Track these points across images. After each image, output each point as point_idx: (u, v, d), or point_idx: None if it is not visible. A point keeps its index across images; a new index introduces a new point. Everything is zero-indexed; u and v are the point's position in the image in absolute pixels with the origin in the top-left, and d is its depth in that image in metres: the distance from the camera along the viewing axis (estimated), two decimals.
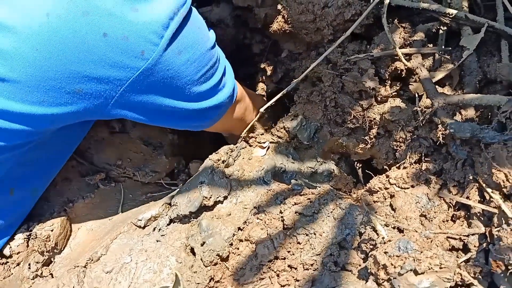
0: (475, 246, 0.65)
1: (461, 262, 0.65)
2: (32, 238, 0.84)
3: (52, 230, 0.84)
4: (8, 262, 0.81)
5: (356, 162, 1.06)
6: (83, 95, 0.67)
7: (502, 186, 0.65)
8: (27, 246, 0.83)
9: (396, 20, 0.94)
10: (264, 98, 1.17)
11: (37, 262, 0.83)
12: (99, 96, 0.68)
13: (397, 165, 0.84)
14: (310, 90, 1.00)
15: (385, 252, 0.64)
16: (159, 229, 0.85)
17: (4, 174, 0.76)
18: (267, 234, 0.76)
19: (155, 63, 0.67)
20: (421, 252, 0.62)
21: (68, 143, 0.88)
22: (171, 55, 0.69)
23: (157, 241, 0.83)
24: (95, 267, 0.80)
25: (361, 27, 0.95)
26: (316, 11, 0.96)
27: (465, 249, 0.67)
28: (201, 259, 0.77)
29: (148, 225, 0.86)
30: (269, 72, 1.20)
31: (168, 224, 0.85)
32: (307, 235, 0.74)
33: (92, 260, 0.82)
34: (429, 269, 0.62)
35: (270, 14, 1.06)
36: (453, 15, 0.90)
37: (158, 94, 0.73)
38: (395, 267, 0.62)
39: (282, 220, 0.77)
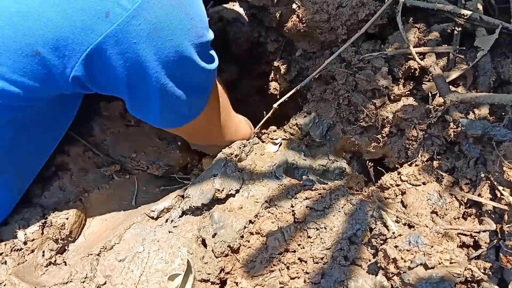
0: (486, 243, 0.66)
1: (472, 259, 0.65)
2: (47, 226, 0.85)
3: (67, 219, 0.86)
4: (22, 248, 0.83)
5: (368, 161, 1.07)
6: (41, 60, 0.61)
7: None
8: (42, 233, 0.85)
9: (411, 20, 0.94)
10: (251, 126, 1.09)
11: (51, 250, 0.85)
12: (58, 62, 0.62)
13: (409, 162, 0.84)
14: (323, 88, 1.01)
15: (396, 246, 0.64)
16: (172, 220, 0.86)
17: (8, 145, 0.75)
18: (278, 228, 0.77)
19: (121, 30, 0.59)
20: (432, 246, 0.63)
21: (51, 132, 0.84)
22: (143, 28, 0.60)
23: (170, 232, 0.84)
24: (108, 256, 0.82)
25: (375, 27, 0.95)
26: (330, 10, 0.97)
27: (476, 245, 0.67)
28: (212, 250, 0.78)
29: (161, 216, 0.88)
30: (283, 71, 1.21)
31: (181, 216, 0.87)
32: (317, 229, 0.75)
33: (105, 248, 0.83)
34: (439, 263, 0.62)
35: (285, 13, 1.07)
36: (468, 16, 0.91)
37: (118, 69, 0.63)
38: (405, 261, 0.63)
39: (293, 214, 0.78)
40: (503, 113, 0.81)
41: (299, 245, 0.75)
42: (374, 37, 0.98)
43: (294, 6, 1.01)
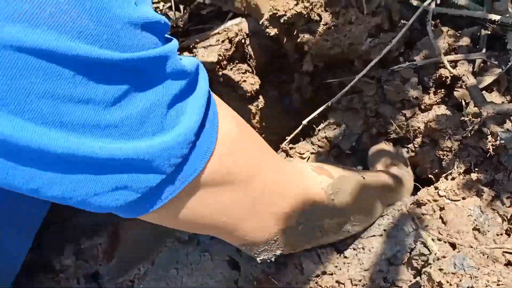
0: None
1: None
2: (81, 252, 0.85)
3: (100, 244, 0.86)
4: (58, 277, 0.83)
5: None
6: None
7: None
8: (76, 260, 0.85)
9: (439, 24, 0.91)
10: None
11: (86, 276, 0.85)
12: None
13: (445, 175, 0.82)
14: (350, 97, 0.99)
15: (440, 269, 0.62)
16: (203, 242, 0.85)
17: None
18: (313, 249, 0.76)
19: None
20: (478, 269, 0.60)
21: None
22: None
23: (202, 255, 0.83)
24: (142, 281, 0.81)
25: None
26: (342, 47, 0.96)
27: None
28: (246, 274, 0.77)
29: (192, 238, 0.87)
30: (305, 82, 1.19)
31: (212, 238, 0.86)
32: (354, 249, 0.73)
33: (139, 273, 0.83)
34: (487, 286, 0.60)
35: (299, 44, 1.05)
36: (498, 21, 0.87)
37: None
38: (451, 285, 0.60)
39: None
40: None
41: (336, 266, 0.73)
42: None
43: (305, 48, 1.00)
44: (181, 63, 0.43)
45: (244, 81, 1.26)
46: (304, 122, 0.91)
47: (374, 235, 0.73)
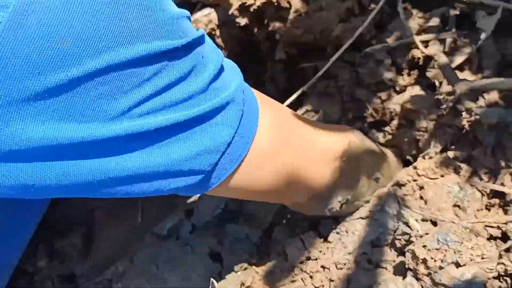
0: None
1: (501, 251, 0.63)
2: (55, 253, 0.82)
3: (73, 243, 0.83)
4: (32, 278, 0.80)
5: None
6: None
7: None
8: (50, 261, 0.82)
9: (408, 6, 0.92)
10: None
11: (60, 277, 0.82)
12: None
13: (422, 154, 0.82)
14: (325, 82, 0.98)
15: (424, 246, 0.62)
16: (183, 237, 0.83)
17: None
18: (296, 235, 0.75)
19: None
20: (461, 243, 0.60)
21: None
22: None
23: (183, 249, 0.81)
24: (121, 279, 0.79)
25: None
26: (315, 33, 0.96)
27: (505, 237, 0.65)
28: (229, 265, 0.75)
29: (172, 233, 0.84)
30: (279, 70, 1.18)
31: (192, 232, 0.84)
32: (338, 233, 0.72)
33: (116, 271, 0.80)
34: (471, 260, 0.60)
35: (271, 32, 1.04)
36: (466, 0, 0.88)
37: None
38: (435, 261, 0.60)
39: (309, 220, 0.76)
40: None
41: (320, 251, 0.72)
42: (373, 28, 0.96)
43: (277, 36, 1.00)
44: (211, 40, 0.49)
45: None
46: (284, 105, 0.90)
47: (357, 218, 0.72)
